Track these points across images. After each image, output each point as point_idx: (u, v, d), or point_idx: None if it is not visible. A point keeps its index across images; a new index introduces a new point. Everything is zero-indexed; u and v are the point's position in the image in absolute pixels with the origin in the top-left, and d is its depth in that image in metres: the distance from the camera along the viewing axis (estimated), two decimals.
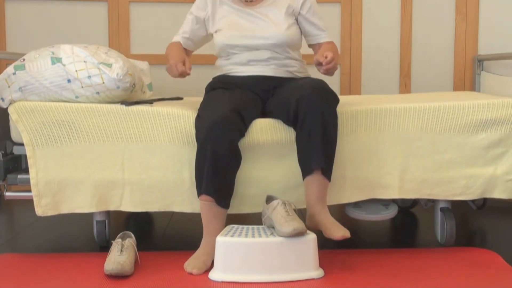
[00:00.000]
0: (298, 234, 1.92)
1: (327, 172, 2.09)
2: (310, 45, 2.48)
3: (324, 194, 2.10)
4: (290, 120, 2.14)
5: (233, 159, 2.06)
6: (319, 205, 2.08)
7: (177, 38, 2.48)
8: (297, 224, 1.92)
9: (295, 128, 2.15)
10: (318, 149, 2.06)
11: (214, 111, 2.08)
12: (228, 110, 2.07)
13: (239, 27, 2.35)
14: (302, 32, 2.43)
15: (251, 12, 2.37)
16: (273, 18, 2.35)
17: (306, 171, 2.10)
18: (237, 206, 2.20)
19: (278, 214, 1.97)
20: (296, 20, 2.40)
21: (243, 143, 2.15)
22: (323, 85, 2.12)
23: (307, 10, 2.39)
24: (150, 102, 2.30)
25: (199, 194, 2.08)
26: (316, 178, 2.08)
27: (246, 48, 2.33)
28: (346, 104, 2.33)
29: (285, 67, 2.35)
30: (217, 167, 2.03)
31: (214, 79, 2.44)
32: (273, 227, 2.02)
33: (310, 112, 2.06)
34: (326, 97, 2.08)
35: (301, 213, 2.10)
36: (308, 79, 2.20)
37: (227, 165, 2.05)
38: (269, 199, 2.15)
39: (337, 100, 2.14)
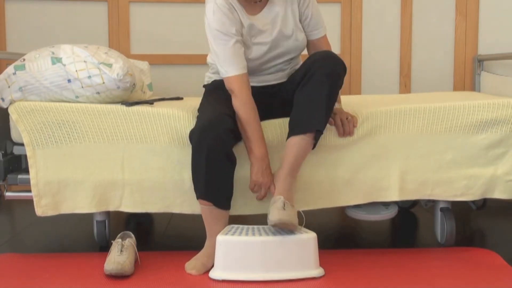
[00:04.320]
0: (283, 225, 1.90)
1: (317, 138, 2.06)
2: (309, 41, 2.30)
3: (301, 162, 2.07)
4: (298, 81, 2.08)
5: (227, 162, 2.02)
6: (289, 169, 2.05)
7: (237, 71, 2.09)
8: (285, 216, 1.89)
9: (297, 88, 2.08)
10: (321, 110, 2.01)
11: (207, 114, 2.06)
12: (222, 113, 2.03)
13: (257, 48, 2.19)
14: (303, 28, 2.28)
15: (263, 24, 2.19)
16: (286, 32, 2.21)
17: (298, 130, 2.04)
18: (240, 208, 2.19)
19: (274, 206, 1.96)
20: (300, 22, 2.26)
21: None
22: (333, 53, 2.10)
23: (306, 6, 2.23)
24: (150, 102, 2.30)
25: (197, 197, 2.07)
26: (304, 140, 2.04)
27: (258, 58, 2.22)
28: (347, 105, 2.32)
29: (289, 70, 2.28)
30: (212, 171, 2.00)
31: (213, 82, 2.34)
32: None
33: (319, 70, 2.01)
34: (336, 62, 2.05)
35: (302, 215, 2.08)
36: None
37: (222, 168, 2.01)
38: None
39: (345, 70, 2.12)
